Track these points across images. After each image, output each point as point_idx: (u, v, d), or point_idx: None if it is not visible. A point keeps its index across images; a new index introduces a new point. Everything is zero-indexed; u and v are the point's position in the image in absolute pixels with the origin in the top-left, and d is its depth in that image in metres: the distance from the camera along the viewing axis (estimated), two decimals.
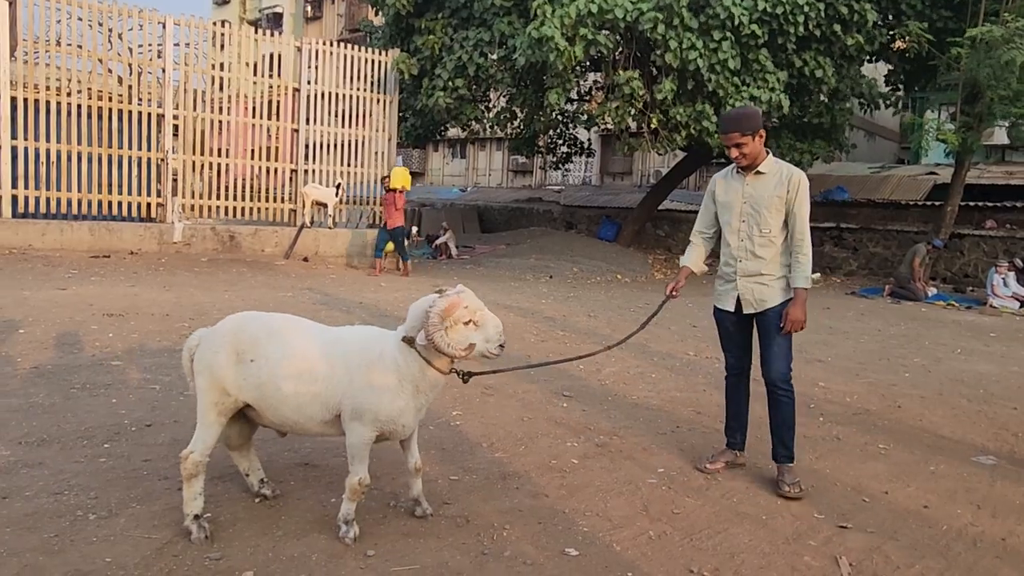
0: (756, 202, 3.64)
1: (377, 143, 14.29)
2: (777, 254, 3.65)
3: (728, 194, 3.77)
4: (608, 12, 11.11)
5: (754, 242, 3.67)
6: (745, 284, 3.72)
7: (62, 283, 8.59)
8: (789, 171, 3.61)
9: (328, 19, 38.93)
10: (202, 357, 2.91)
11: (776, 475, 3.73)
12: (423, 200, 26.42)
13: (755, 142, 3.57)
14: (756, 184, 3.66)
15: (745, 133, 3.55)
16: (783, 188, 3.59)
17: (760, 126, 3.60)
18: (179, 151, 12.26)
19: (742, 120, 3.60)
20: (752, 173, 3.66)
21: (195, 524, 2.81)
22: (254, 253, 12.38)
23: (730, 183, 3.78)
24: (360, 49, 14.05)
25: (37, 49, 11.13)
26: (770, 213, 3.61)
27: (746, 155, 3.60)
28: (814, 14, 11.68)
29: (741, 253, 3.72)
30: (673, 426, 4.68)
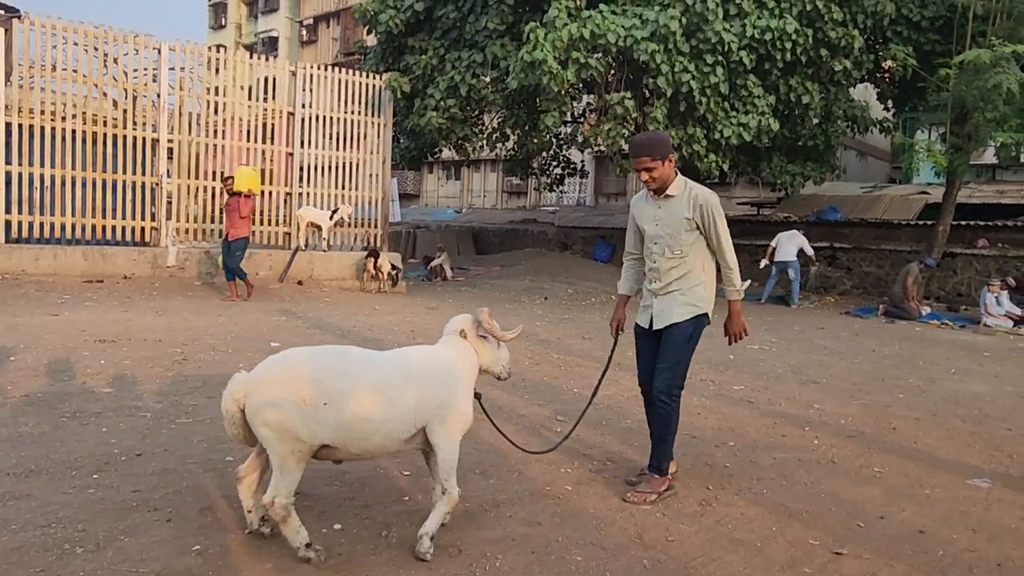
0: (667, 224, 3.75)
1: (372, 165, 14.33)
2: (690, 272, 3.75)
3: (642, 217, 3.89)
4: (600, 37, 11.22)
5: (668, 261, 3.77)
6: (658, 302, 3.82)
7: (55, 308, 8.56)
8: (697, 193, 3.69)
9: (323, 42, 39.26)
10: (260, 412, 2.78)
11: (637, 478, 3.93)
12: (418, 222, 26.49)
13: (664, 167, 3.66)
14: (666, 206, 3.76)
15: (655, 158, 3.64)
16: (691, 210, 3.68)
17: (670, 152, 3.70)
18: (174, 175, 12.28)
19: (653, 145, 3.67)
20: (663, 196, 3.76)
21: (311, 551, 2.89)
22: (249, 276, 12.34)
23: (644, 206, 3.89)
24: (354, 72, 14.14)
25: (32, 74, 11.17)
26: (680, 233, 3.72)
27: (655, 179, 3.69)
28: (802, 40, 11.83)
29: (654, 273, 3.84)
30: None
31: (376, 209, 14.45)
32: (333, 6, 38.47)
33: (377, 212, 14.46)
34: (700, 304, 3.76)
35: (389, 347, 7.64)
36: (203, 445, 4.26)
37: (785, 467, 4.44)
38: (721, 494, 3.92)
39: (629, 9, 11.69)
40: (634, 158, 3.70)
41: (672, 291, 3.76)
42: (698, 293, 3.76)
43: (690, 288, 3.75)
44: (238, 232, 10.69)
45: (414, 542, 3.02)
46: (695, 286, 3.76)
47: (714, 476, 4.20)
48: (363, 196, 14.29)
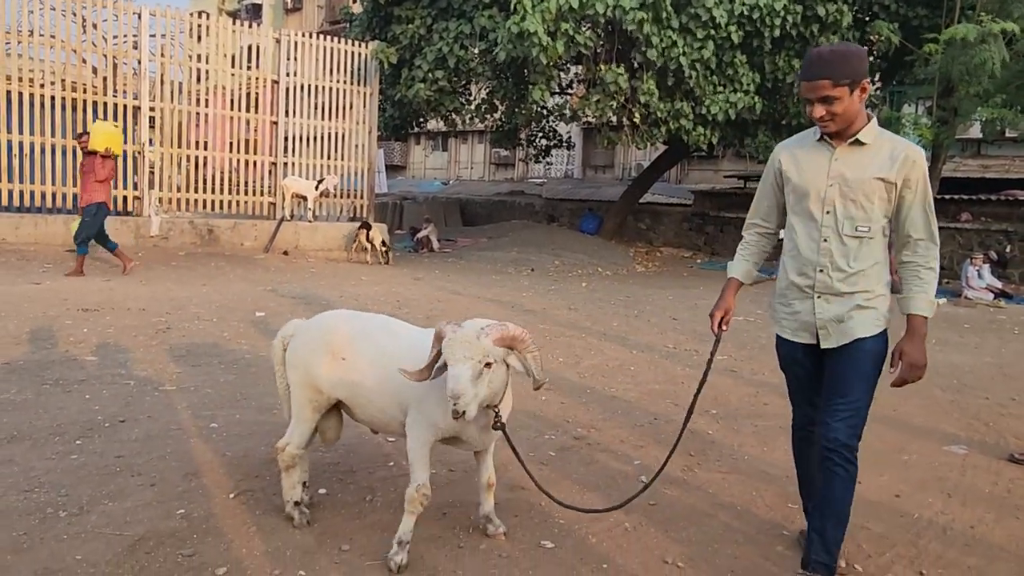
0: (853, 185, 2.56)
1: (358, 136, 14.19)
2: (877, 266, 2.61)
3: (804, 172, 2.66)
4: (589, 6, 11.09)
5: (845, 244, 2.59)
6: (827, 306, 2.63)
7: (36, 277, 8.48)
8: (903, 147, 2.55)
9: (308, 10, 38.58)
10: (296, 351, 2.94)
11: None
12: (405, 193, 26.34)
13: (852, 98, 2.48)
14: (851, 159, 2.58)
15: (840, 82, 2.45)
16: (892, 169, 2.52)
17: (865, 74, 2.51)
18: (156, 144, 12.11)
19: (836, 62, 2.46)
20: (846, 143, 2.58)
21: (296, 510, 2.93)
22: (233, 247, 12.27)
23: (808, 155, 2.67)
24: (340, 41, 13.93)
25: (9, 40, 10.92)
26: (871, 203, 2.55)
27: (837, 115, 2.50)
28: (791, 17, 11.76)
29: (823, 259, 2.61)
30: (651, 418, 4.70)
31: (362, 180, 14.34)
32: None
33: (363, 183, 14.36)
34: (886, 315, 2.65)
35: None
36: (188, 412, 4.26)
37: (767, 434, 4.50)
38: (703, 460, 3.97)
39: None
40: (807, 81, 2.52)
41: (854, 291, 2.58)
42: (884, 300, 2.65)
43: (878, 290, 2.62)
44: (91, 197, 9.14)
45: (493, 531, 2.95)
46: (881, 288, 2.63)
47: (696, 443, 4.25)
48: (349, 166, 14.17)
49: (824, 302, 2.64)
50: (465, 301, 9.07)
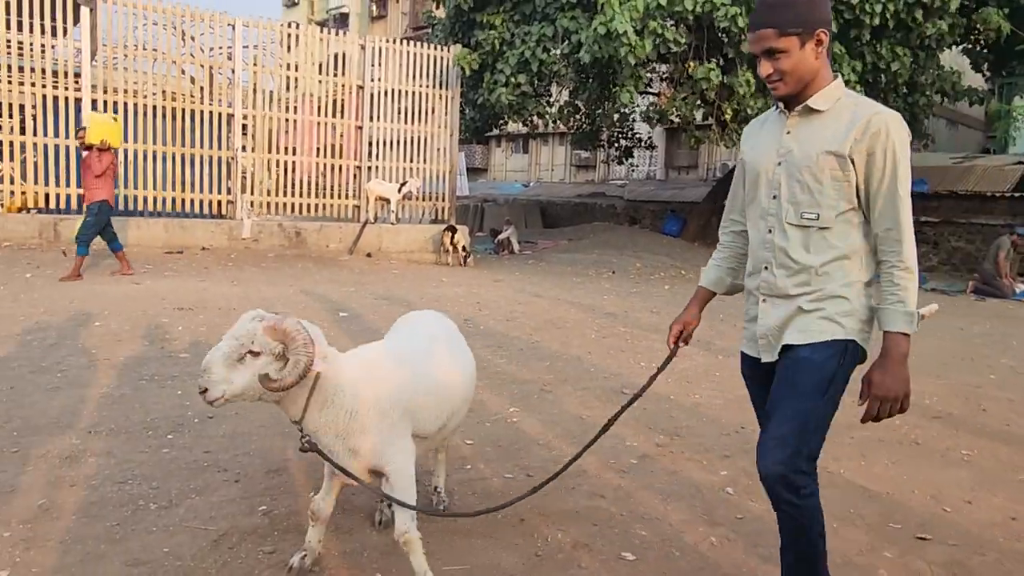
0: (799, 160, 2.06)
1: (439, 139, 14.35)
2: (837, 263, 2.06)
3: (757, 150, 2.19)
4: (678, 3, 10.83)
5: (788, 236, 2.09)
6: (770, 311, 2.14)
7: (137, 278, 8.91)
8: (868, 112, 1.99)
9: (392, 17, 39.46)
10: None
11: None
12: (486, 195, 26.51)
13: (805, 51, 1.98)
14: (803, 130, 2.07)
15: (786, 31, 1.96)
16: (847, 140, 1.99)
17: (822, 22, 1.99)
18: (249, 150, 12.58)
19: (781, 6, 1.98)
20: (799, 111, 2.08)
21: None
22: (319, 249, 12.61)
23: (764, 130, 2.21)
24: (422, 46, 14.13)
25: (116, 53, 11.57)
26: (819, 184, 2.03)
27: (785, 73, 2.01)
28: (892, 4, 11.15)
29: (767, 254, 2.15)
30: (737, 427, 4.50)
31: (444, 182, 14.50)
32: None
33: (445, 185, 14.51)
34: (849, 324, 2.05)
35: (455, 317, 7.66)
36: (270, 411, 4.34)
37: (864, 447, 4.23)
38: None
39: None
40: (750, 31, 2.06)
41: (799, 294, 2.08)
42: (845, 304, 2.05)
43: (834, 292, 2.06)
44: (92, 195, 8.74)
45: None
46: (843, 290, 2.05)
47: None
48: (431, 169, 14.35)
49: (768, 306, 2.14)
50: (544, 303, 8.99)
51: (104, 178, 8.74)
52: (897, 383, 1.97)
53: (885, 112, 2.00)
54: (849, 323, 2.05)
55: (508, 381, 5.35)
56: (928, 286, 13.35)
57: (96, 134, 8.71)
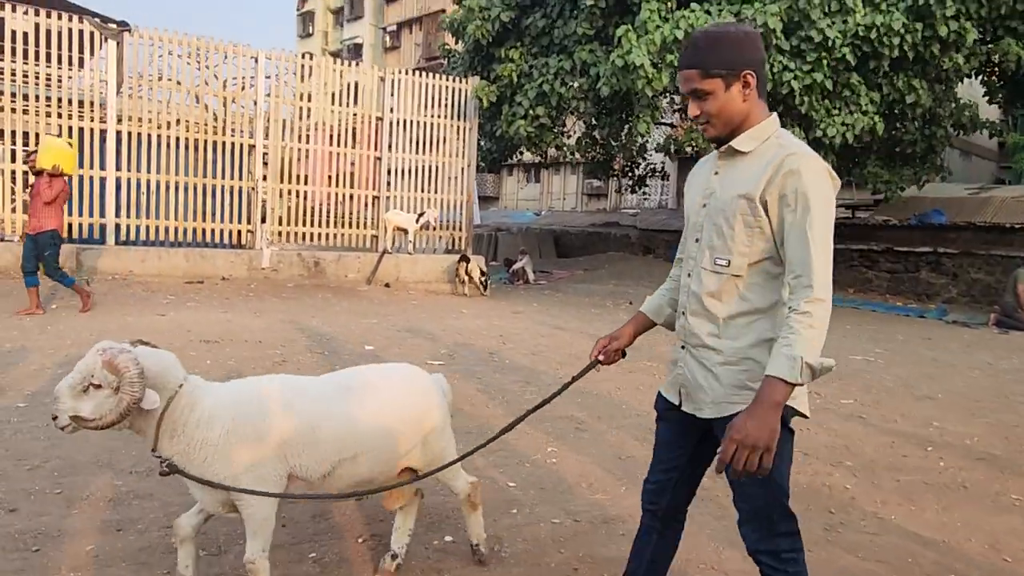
0: (716, 205, 2.03)
1: (456, 169, 14.44)
2: (749, 313, 1.98)
3: (690, 191, 2.19)
4: None
5: (703, 281, 2.04)
6: (687, 359, 2.10)
7: (161, 309, 8.92)
8: (783, 153, 1.92)
9: (406, 48, 39.98)
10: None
11: None
12: (499, 224, 26.59)
13: (731, 93, 1.95)
14: (727, 172, 2.04)
15: (710, 73, 1.94)
16: (759, 182, 1.92)
17: (748, 63, 1.94)
18: (269, 179, 12.67)
19: (706, 48, 1.95)
20: (724, 151, 2.05)
21: None
22: (338, 279, 12.63)
23: (702, 171, 2.18)
24: (441, 77, 14.27)
25: (140, 84, 11.72)
26: (731, 228, 1.97)
27: (713, 115, 1.98)
28: (910, 36, 11.22)
29: (685, 298, 2.11)
30: None
31: (460, 212, 14.56)
32: (416, 12, 39.13)
33: (461, 215, 14.57)
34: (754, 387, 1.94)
35: (480, 351, 7.62)
36: None
37: (911, 491, 4.15)
38: (847, 520, 3.69)
39: (725, 7, 11.35)
40: (679, 71, 2.05)
41: (713, 348, 2.01)
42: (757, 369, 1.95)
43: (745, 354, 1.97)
44: (41, 224, 8.07)
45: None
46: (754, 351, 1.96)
47: (835, 499, 3.96)
48: (447, 199, 14.41)
49: (686, 354, 2.09)
50: (567, 336, 8.95)
51: (55, 206, 8.15)
52: (759, 431, 1.76)
53: (801, 152, 1.92)
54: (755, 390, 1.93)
55: (542, 418, 5.27)
56: (949, 319, 13.26)
57: (48, 159, 8.11)
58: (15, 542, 2.95)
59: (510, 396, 5.88)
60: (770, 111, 2.03)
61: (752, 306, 1.96)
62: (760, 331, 1.95)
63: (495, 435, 2.60)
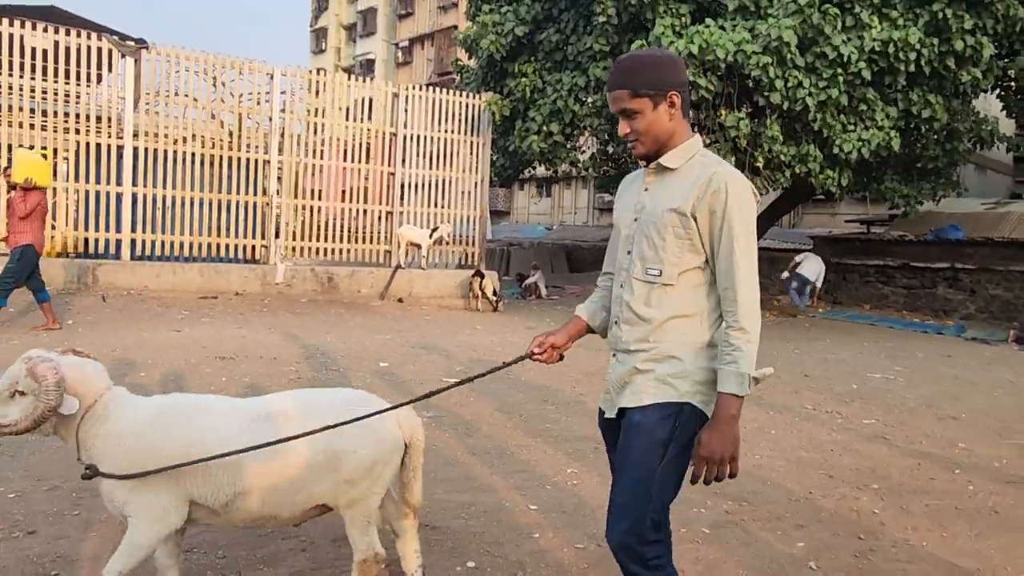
0: (646, 218, 2.12)
1: (469, 184, 14.45)
2: (677, 317, 2.07)
3: (620, 205, 2.28)
4: (709, 52, 10.92)
5: (634, 291, 2.12)
6: (616, 366, 2.16)
7: (176, 324, 8.92)
8: (715, 172, 2.03)
9: (418, 63, 40.21)
10: None
11: None
12: (510, 239, 26.58)
13: (659, 113, 2.05)
14: (656, 188, 2.14)
15: (639, 92, 2.04)
16: (688, 198, 2.03)
17: (670, 84, 2.04)
18: (283, 195, 12.71)
19: (634, 70, 2.06)
20: (652, 168, 2.15)
21: None
22: (351, 294, 12.62)
23: (628, 187, 2.28)
24: (454, 93, 14.32)
25: (157, 100, 11.80)
26: (663, 240, 2.06)
27: (641, 133, 2.08)
28: (927, 51, 11.16)
29: (616, 308, 2.19)
30: (806, 492, 4.34)
31: (473, 227, 14.55)
32: (428, 28, 39.41)
33: (475, 230, 14.56)
34: (682, 386, 2.03)
35: (495, 365, 7.56)
36: None
37: (941, 516, 4.05)
38: (877, 547, 3.59)
39: (739, 23, 11.33)
40: (608, 92, 2.13)
41: (638, 350, 2.09)
42: (678, 365, 2.04)
43: (669, 352, 2.05)
44: (15, 239, 7.89)
45: None
46: (677, 349, 2.05)
47: (863, 524, 3.87)
48: (460, 214, 14.42)
49: (616, 361, 2.17)
50: (583, 353, 8.83)
51: (30, 220, 7.88)
52: (724, 444, 1.93)
53: (726, 170, 2.04)
54: (683, 385, 2.04)
55: (561, 438, 5.24)
56: (968, 335, 13.10)
57: (20, 172, 7.91)
58: (33, 566, 2.91)
59: (528, 415, 5.82)
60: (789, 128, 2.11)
61: (682, 312, 2.07)
62: (687, 332, 2.07)
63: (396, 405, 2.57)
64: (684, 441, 2.01)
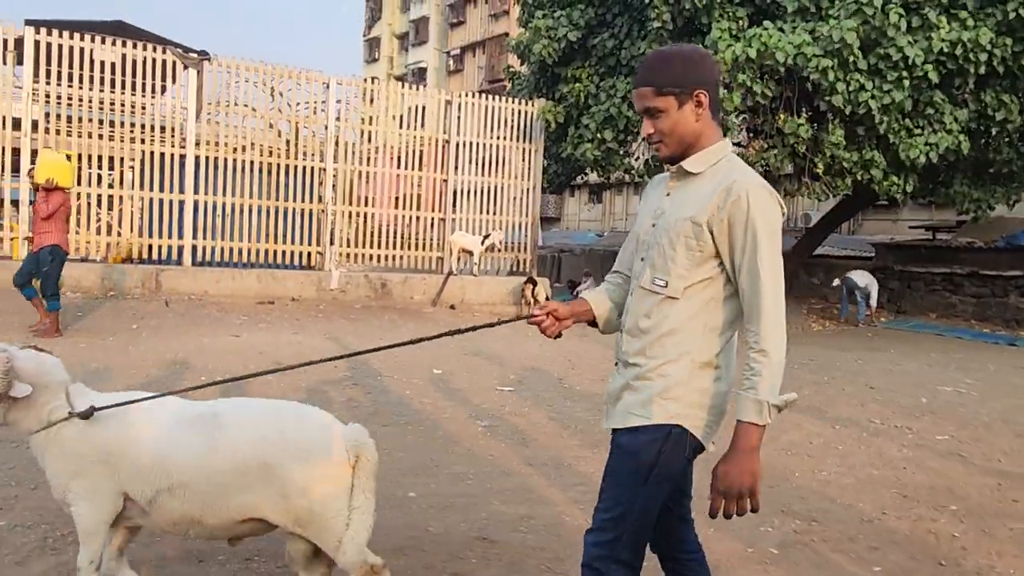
0: (663, 226, 1.99)
1: (521, 191, 14.43)
2: (676, 332, 1.92)
3: (643, 208, 2.16)
4: (768, 56, 10.67)
5: (638, 300, 2.01)
6: (616, 377, 2.06)
7: (234, 329, 9.09)
8: (731, 179, 1.89)
9: (469, 71, 40.51)
10: None
11: None
12: (561, 246, 26.49)
13: (684, 112, 1.92)
14: (678, 193, 2.01)
15: (663, 91, 1.91)
16: (706, 207, 1.89)
17: (701, 82, 1.91)
18: (338, 202, 12.88)
19: (659, 66, 1.93)
20: (675, 172, 2.03)
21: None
22: (404, 300, 12.70)
23: (652, 191, 2.17)
24: (506, 100, 14.33)
25: (218, 111, 12.10)
26: (674, 250, 1.93)
27: (665, 134, 1.95)
28: (999, 52, 10.70)
29: (624, 317, 2.08)
30: (878, 512, 4.14)
31: (525, 234, 14.52)
32: (479, 36, 39.66)
33: (525, 236, 14.53)
34: (672, 408, 1.90)
35: (549, 377, 7.50)
36: (384, 478, 4.21)
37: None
38: (958, 572, 3.40)
39: (799, 25, 11.05)
40: (634, 89, 2.01)
41: (634, 364, 1.97)
42: (676, 384, 1.91)
43: (662, 371, 1.92)
44: (41, 239, 7.92)
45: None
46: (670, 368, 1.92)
47: (942, 548, 3.67)
48: (512, 221, 14.40)
49: (616, 371, 2.07)
50: None
51: (53, 220, 7.88)
52: (741, 476, 1.81)
53: (748, 178, 1.89)
54: (672, 407, 1.90)
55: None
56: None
57: (42, 173, 7.91)
58: None
59: (583, 425, 5.72)
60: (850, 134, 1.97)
61: (681, 327, 1.93)
62: (684, 350, 1.93)
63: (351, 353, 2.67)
64: (673, 465, 1.92)
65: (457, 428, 5.45)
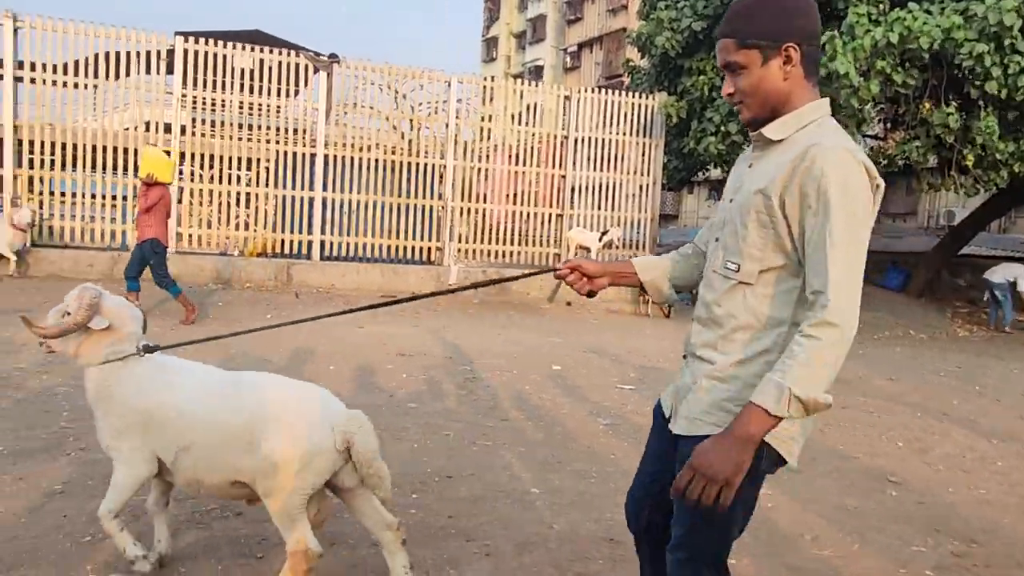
0: (740, 200, 1.74)
1: (640, 186, 14.17)
2: (751, 326, 1.68)
3: (728, 183, 1.89)
4: (911, 40, 9.91)
5: (710, 285, 1.78)
6: (685, 371, 1.83)
7: (359, 321, 9.40)
8: (809, 144, 1.59)
9: (585, 68, 40.30)
10: None
11: None
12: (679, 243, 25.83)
13: (769, 69, 1.65)
14: (759, 163, 1.74)
15: (745, 43, 1.65)
16: (776, 177, 1.62)
17: (792, 34, 1.63)
18: (455, 199, 13.11)
19: (743, 15, 1.67)
20: (760, 142, 1.74)
21: None
22: (520, 296, 12.74)
23: (738, 166, 1.89)
24: (626, 94, 14.10)
25: (345, 111, 12.58)
26: (746, 228, 1.68)
27: (747, 94, 1.69)
28: None
29: (699, 305, 1.82)
30: None
31: (644, 230, 14.25)
32: (597, 32, 39.36)
33: (644, 233, 14.25)
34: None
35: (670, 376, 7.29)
36: (505, 472, 4.22)
37: None
38: None
39: (948, 5, 10.20)
40: (717, 41, 1.75)
41: (702, 359, 1.75)
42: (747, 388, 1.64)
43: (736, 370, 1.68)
44: (142, 232, 8.20)
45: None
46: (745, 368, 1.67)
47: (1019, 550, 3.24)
48: (630, 217, 14.17)
49: (686, 365, 1.82)
50: None
51: (152, 214, 8.11)
52: (724, 462, 1.52)
53: (827, 142, 1.57)
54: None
55: None
56: None
57: (144, 168, 8.17)
58: (240, 547, 3.07)
59: None
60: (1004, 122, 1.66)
61: (757, 320, 1.67)
62: (758, 348, 1.66)
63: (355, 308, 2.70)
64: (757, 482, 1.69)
65: (577, 425, 5.36)
